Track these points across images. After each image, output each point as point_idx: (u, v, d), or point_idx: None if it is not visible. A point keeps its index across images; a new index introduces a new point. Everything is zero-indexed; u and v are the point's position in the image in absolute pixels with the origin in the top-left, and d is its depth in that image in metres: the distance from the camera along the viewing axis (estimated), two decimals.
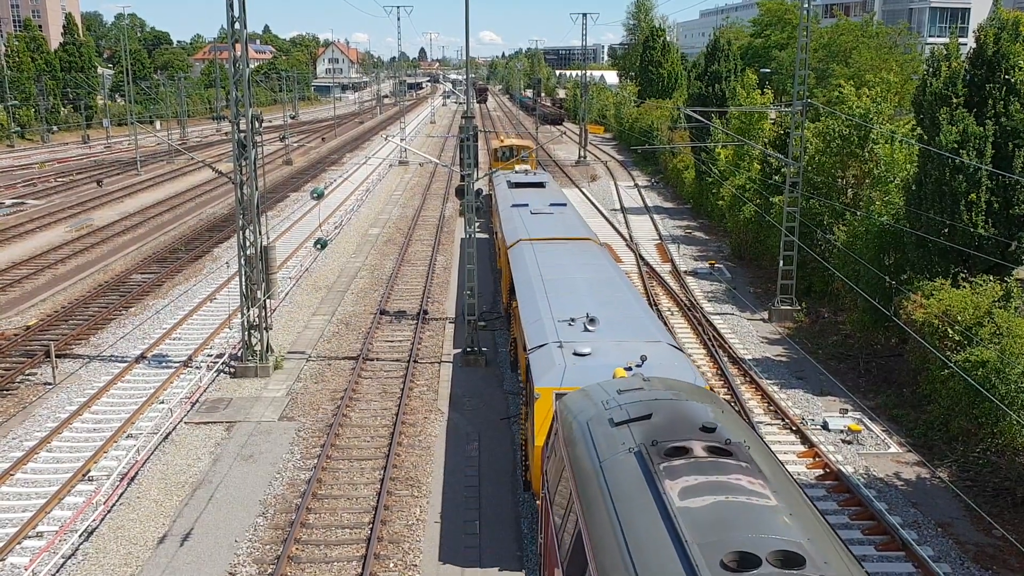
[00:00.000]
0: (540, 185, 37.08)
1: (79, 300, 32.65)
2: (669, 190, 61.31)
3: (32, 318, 30.57)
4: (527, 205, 31.29)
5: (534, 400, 15.80)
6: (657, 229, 47.02)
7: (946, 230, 23.02)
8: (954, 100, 23.00)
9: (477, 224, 28.39)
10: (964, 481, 18.52)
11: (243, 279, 24.84)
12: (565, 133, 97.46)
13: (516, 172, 40.21)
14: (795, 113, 30.31)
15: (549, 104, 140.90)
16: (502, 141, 57.69)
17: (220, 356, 26.18)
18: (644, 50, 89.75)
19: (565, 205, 32.67)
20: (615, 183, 64.53)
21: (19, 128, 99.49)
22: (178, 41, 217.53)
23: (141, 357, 26.15)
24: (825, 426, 21.38)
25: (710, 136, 47.86)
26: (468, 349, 26.08)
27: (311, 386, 24.30)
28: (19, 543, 16.24)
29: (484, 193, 39.84)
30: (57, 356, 25.47)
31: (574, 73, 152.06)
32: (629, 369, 14.58)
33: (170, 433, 21.13)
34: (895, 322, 22.54)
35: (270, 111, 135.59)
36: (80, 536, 16.51)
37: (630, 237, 44.21)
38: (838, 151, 30.75)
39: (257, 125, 23.81)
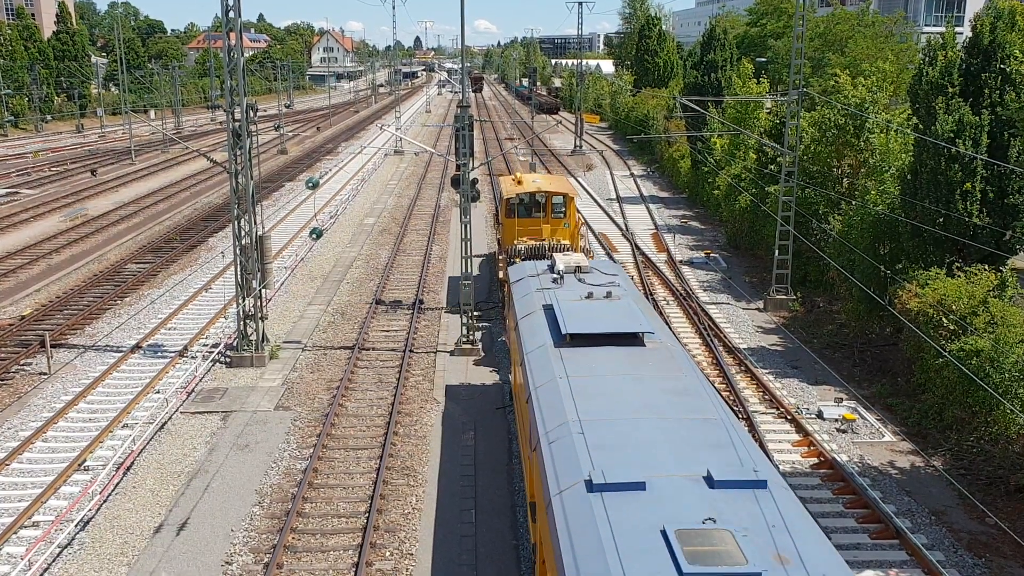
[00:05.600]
0: (635, 339, 14.46)
1: (74, 290, 32.57)
2: (665, 179, 61.29)
3: (27, 308, 30.50)
4: (648, 466, 10.01)
5: None
6: (653, 218, 47.01)
7: (941, 219, 23.05)
8: (950, 89, 23.00)
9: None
10: (958, 469, 18.61)
11: (238, 269, 24.80)
12: (561, 122, 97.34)
13: (563, 275, 18.11)
14: (791, 102, 30.29)
15: (545, 93, 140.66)
16: (519, 182, 30.97)
17: (216, 346, 26.16)
18: (640, 39, 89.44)
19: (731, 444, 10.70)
20: (611, 172, 64.50)
21: (12, 117, 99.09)
22: (172, 30, 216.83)
23: (136, 347, 26.12)
24: (820, 415, 21.45)
25: (706, 125, 47.80)
26: (464, 339, 26.09)
27: (307, 376, 24.29)
28: (15, 533, 16.25)
29: (498, 276, 27.40)
30: (52, 346, 25.45)
31: (570, 62, 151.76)
32: None
33: (166, 423, 21.13)
34: (890, 311, 22.60)
35: (265, 100, 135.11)
36: (76, 526, 16.52)
37: (626, 227, 44.22)
38: (834, 140, 30.72)
39: (252, 114, 23.73)
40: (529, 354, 14.57)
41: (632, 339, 14.39)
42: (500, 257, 29.72)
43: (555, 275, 18.14)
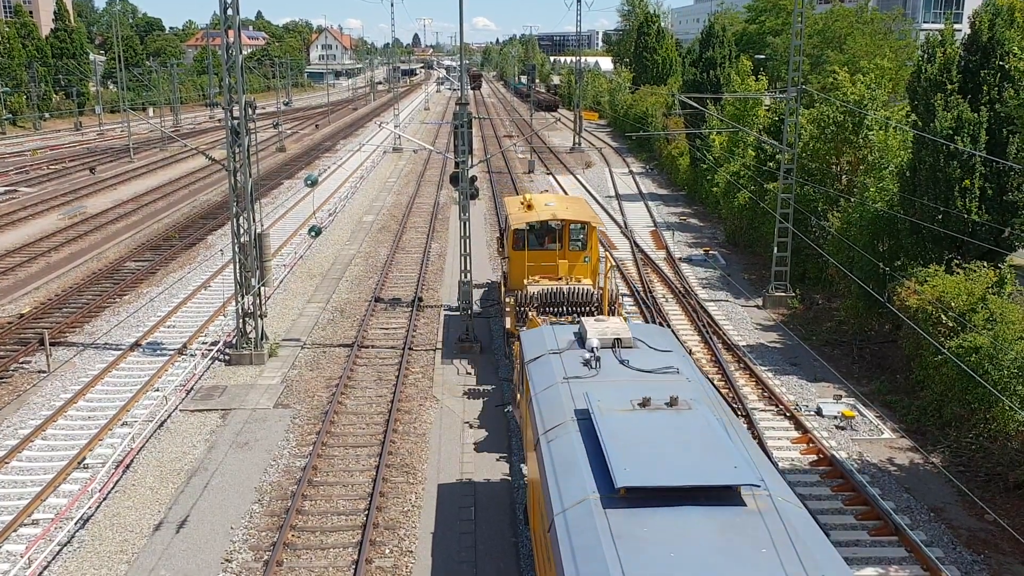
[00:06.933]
0: (728, 494, 8.91)
1: (73, 288, 32.56)
2: (664, 177, 61.28)
3: (26, 306, 30.49)
4: None
5: None
6: (652, 216, 47.01)
7: (940, 216, 23.05)
8: (948, 86, 22.99)
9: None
10: (957, 466, 18.63)
11: (237, 266, 24.79)
12: (560, 119, 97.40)
13: (598, 355, 12.99)
14: (789, 99, 30.28)
15: (544, 91, 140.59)
16: (529, 207, 25.93)
17: (215, 344, 26.16)
18: (639, 36, 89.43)
19: None
20: (610, 170, 64.47)
21: (11, 115, 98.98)
22: (170, 27, 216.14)
23: (135, 345, 26.12)
24: (819, 412, 21.46)
25: (705, 123, 47.80)
26: (463, 336, 26.09)
27: (306, 373, 24.29)
28: (15, 531, 16.25)
29: (511, 354, 21.20)
30: (51, 344, 25.44)
31: (569, 59, 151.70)
32: None
33: (165, 421, 21.13)
34: (889, 309, 22.61)
35: (263, 98, 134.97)
36: (76, 524, 16.52)
37: (625, 224, 44.21)
38: (832, 138, 30.73)
39: (250, 112, 23.71)
40: (565, 515, 9.06)
41: (724, 494, 8.90)
42: (507, 300, 24.04)
43: (587, 354, 13.13)
